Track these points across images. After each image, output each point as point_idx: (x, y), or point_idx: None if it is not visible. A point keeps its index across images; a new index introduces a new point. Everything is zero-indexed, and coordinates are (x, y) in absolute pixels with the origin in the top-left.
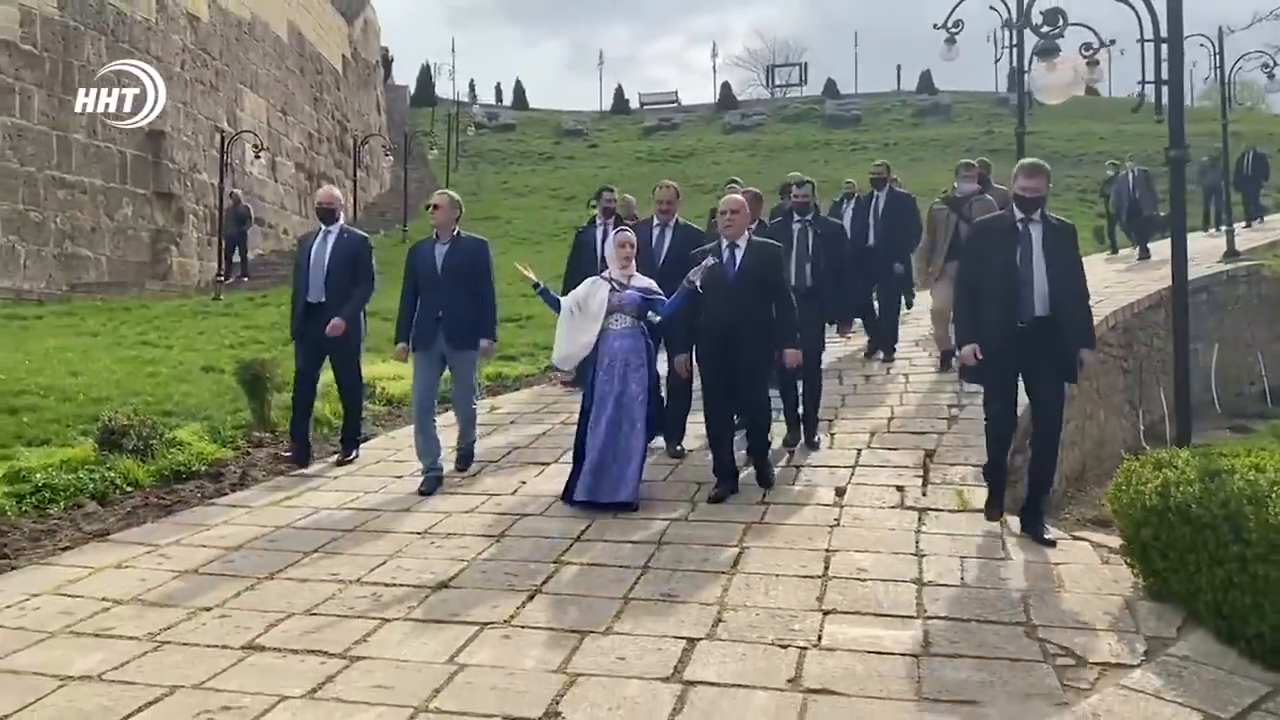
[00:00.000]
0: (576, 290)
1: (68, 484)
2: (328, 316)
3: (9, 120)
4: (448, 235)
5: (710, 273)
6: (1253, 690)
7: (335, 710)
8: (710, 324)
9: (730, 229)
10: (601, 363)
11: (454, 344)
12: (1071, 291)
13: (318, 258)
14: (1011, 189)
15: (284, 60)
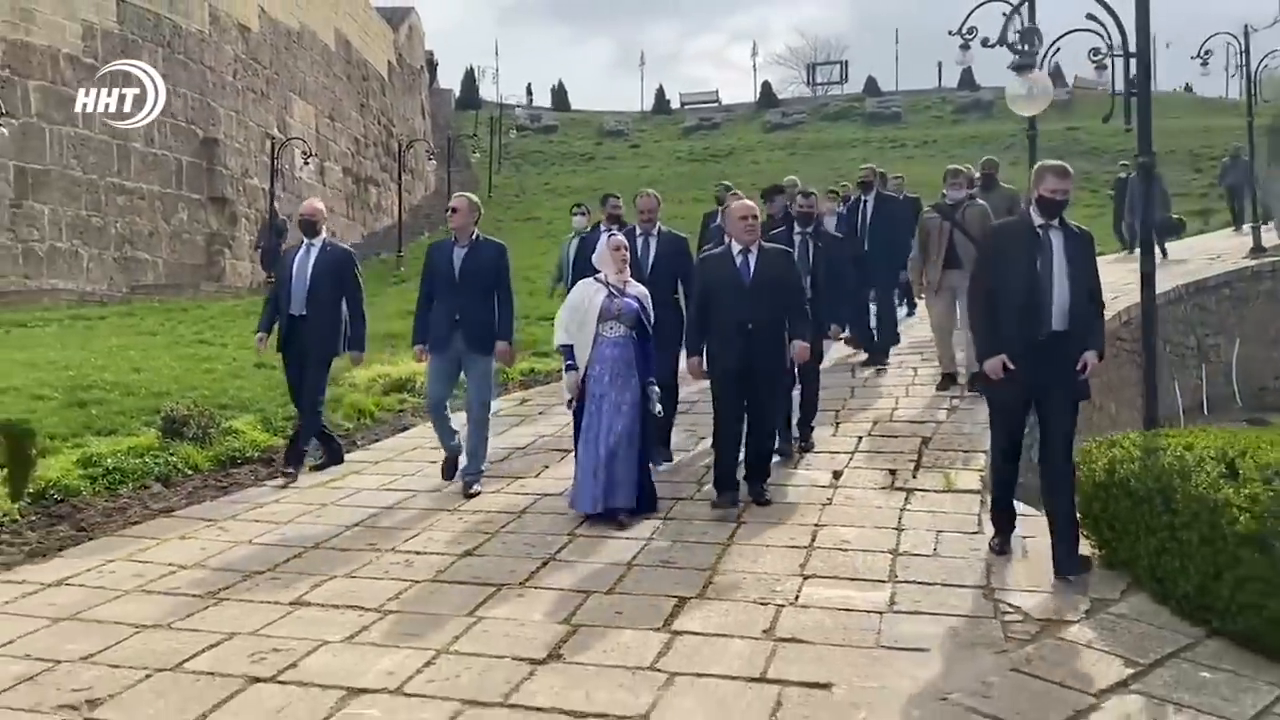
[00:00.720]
0: (570, 297)
1: (135, 468)
2: (310, 329)
3: (72, 130)
4: (466, 238)
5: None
6: (1174, 641)
7: (369, 651)
8: (725, 330)
9: (749, 235)
10: (593, 369)
11: (471, 347)
12: (1091, 305)
13: (300, 271)
14: (1034, 190)
15: (331, 67)
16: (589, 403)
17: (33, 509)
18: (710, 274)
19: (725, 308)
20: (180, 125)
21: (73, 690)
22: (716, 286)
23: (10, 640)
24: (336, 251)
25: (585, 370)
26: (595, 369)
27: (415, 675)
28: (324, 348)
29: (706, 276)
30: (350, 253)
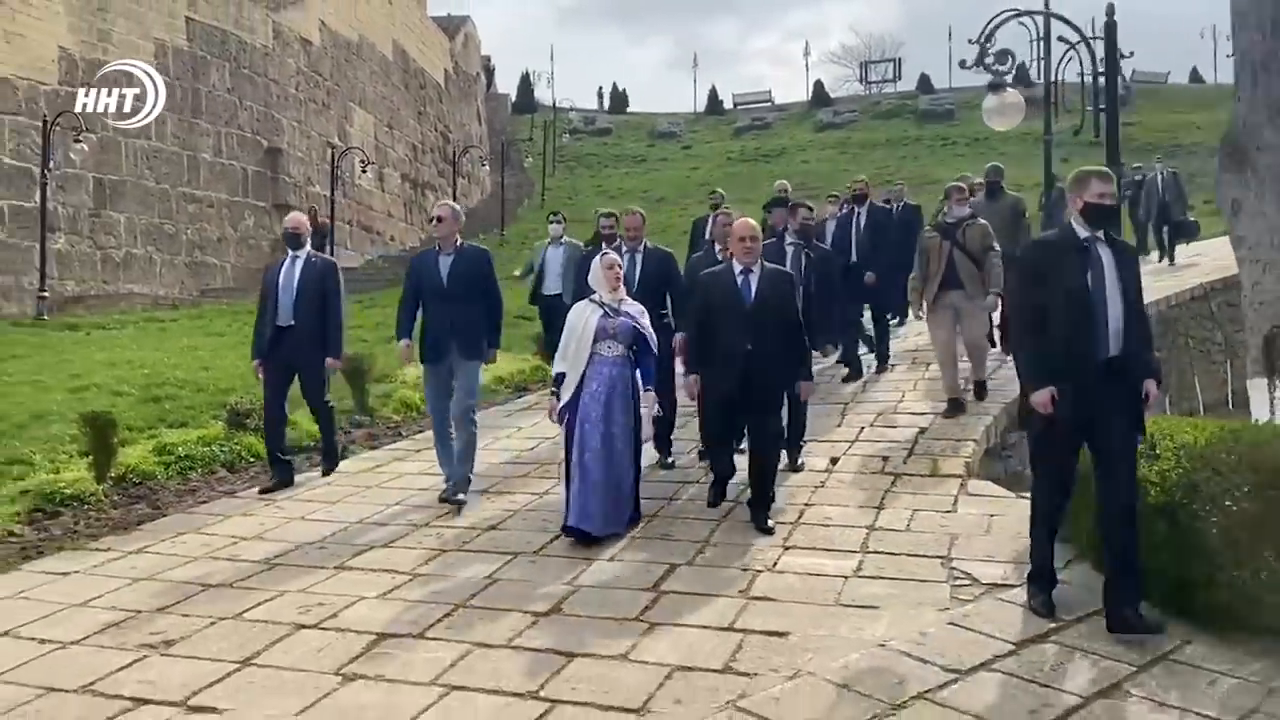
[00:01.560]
0: (569, 320)
1: (204, 455)
2: (296, 339)
3: (146, 143)
4: (451, 246)
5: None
6: (1099, 602)
7: (399, 605)
8: (723, 352)
9: (749, 256)
10: (588, 387)
11: (464, 353)
12: (1144, 327)
13: (286, 282)
14: (1077, 199)
15: (389, 77)
16: (585, 423)
17: (115, 490)
18: (709, 293)
19: (724, 329)
20: (246, 136)
21: (151, 633)
22: (715, 307)
23: (99, 595)
24: (320, 263)
25: (581, 389)
26: (593, 387)
27: (435, 624)
28: (314, 356)
29: (705, 295)
30: (333, 263)
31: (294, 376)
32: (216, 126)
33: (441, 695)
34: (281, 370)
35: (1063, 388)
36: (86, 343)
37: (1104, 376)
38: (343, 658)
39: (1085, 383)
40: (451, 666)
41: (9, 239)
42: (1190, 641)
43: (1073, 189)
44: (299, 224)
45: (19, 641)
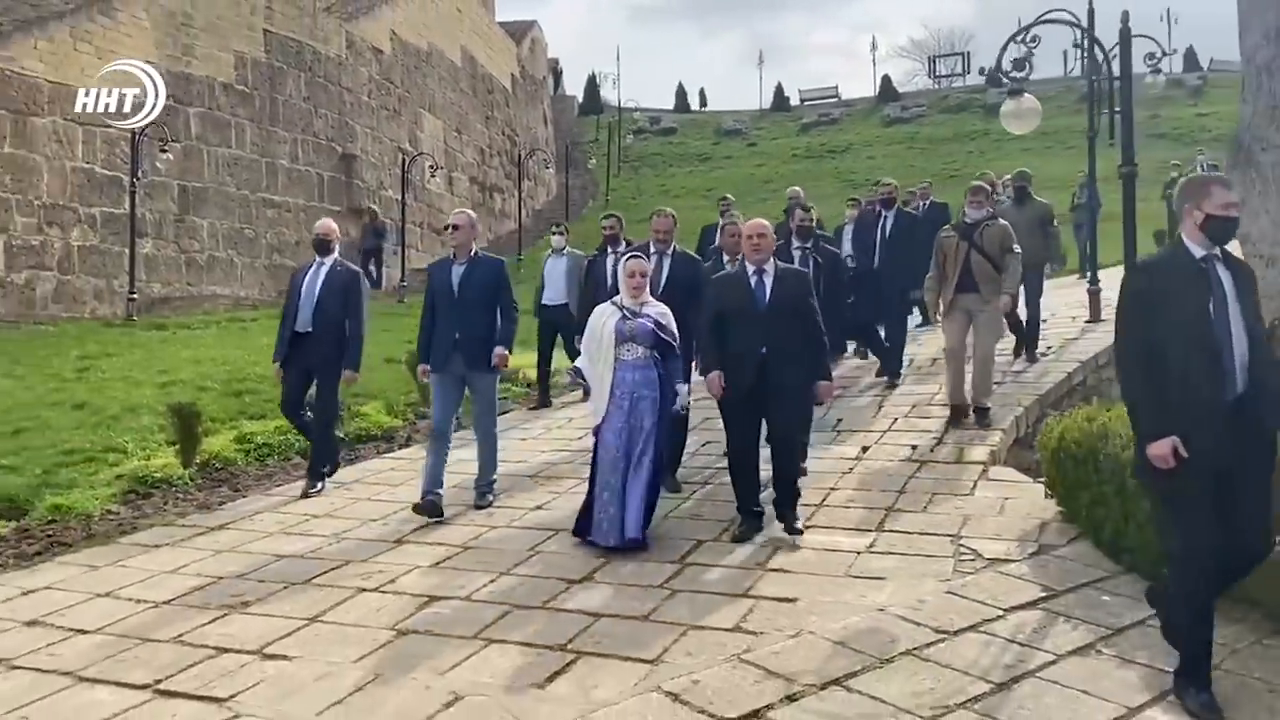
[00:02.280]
0: (590, 322)
1: (280, 444)
2: (314, 346)
3: (226, 151)
4: (465, 255)
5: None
6: (1092, 575)
7: (449, 573)
8: (739, 355)
9: (758, 254)
10: (612, 394)
11: (472, 365)
12: (1270, 356)
13: (309, 289)
14: (1196, 210)
15: (458, 83)
16: (607, 430)
17: (199, 474)
18: (722, 296)
19: (739, 332)
20: (321, 143)
21: (231, 596)
22: (729, 309)
23: (186, 564)
24: (345, 272)
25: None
26: (616, 393)
27: (481, 589)
28: (331, 366)
29: (718, 298)
30: (357, 273)
31: (310, 382)
32: (293, 134)
33: (482, 646)
34: (299, 376)
35: (1188, 436)
36: (173, 341)
37: (1233, 418)
38: (398, 616)
39: (1212, 427)
40: (492, 624)
41: (101, 244)
42: None
43: (1189, 198)
44: (328, 231)
45: (120, 601)
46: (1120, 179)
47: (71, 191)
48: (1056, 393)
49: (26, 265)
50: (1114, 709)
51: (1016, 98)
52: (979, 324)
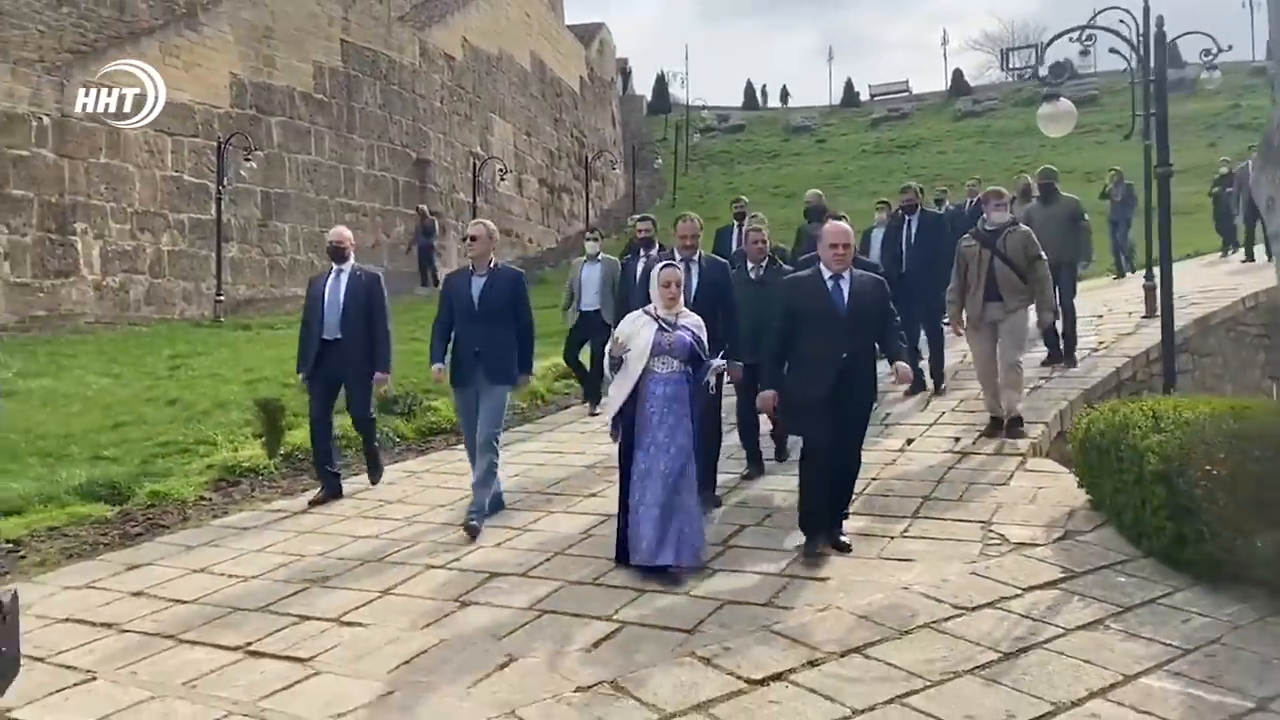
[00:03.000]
0: (620, 328)
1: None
2: (343, 352)
3: (306, 158)
4: (484, 266)
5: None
6: (1112, 558)
7: (510, 552)
8: (817, 362)
9: (839, 263)
10: (643, 408)
11: (491, 378)
12: None
13: (332, 296)
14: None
15: (528, 88)
16: (638, 448)
17: (283, 464)
18: (799, 301)
19: (818, 338)
20: (397, 149)
21: (312, 572)
22: (807, 315)
23: (272, 544)
24: (365, 276)
25: (635, 409)
26: (647, 408)
27: (536, 566)
28: (361, 368)
29: (794, 304)
30: (378, 276)
31: (339, 390)
32: (369, 141)
33: (536, 617)
34: (327, 384)
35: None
36: (257, 341)
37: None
38: (461, 589)
39: None
40: (546, 597)
41: (189, 249)
42: (1180, 590)
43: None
44: (342, 238)
45: (213, 576)
46: (1156, 179)
47: (162, 199)
48: (1103, 388)
49: (121, 269)
50: (1111, 676)
51: (1053, 101)
52: (1002, 333)
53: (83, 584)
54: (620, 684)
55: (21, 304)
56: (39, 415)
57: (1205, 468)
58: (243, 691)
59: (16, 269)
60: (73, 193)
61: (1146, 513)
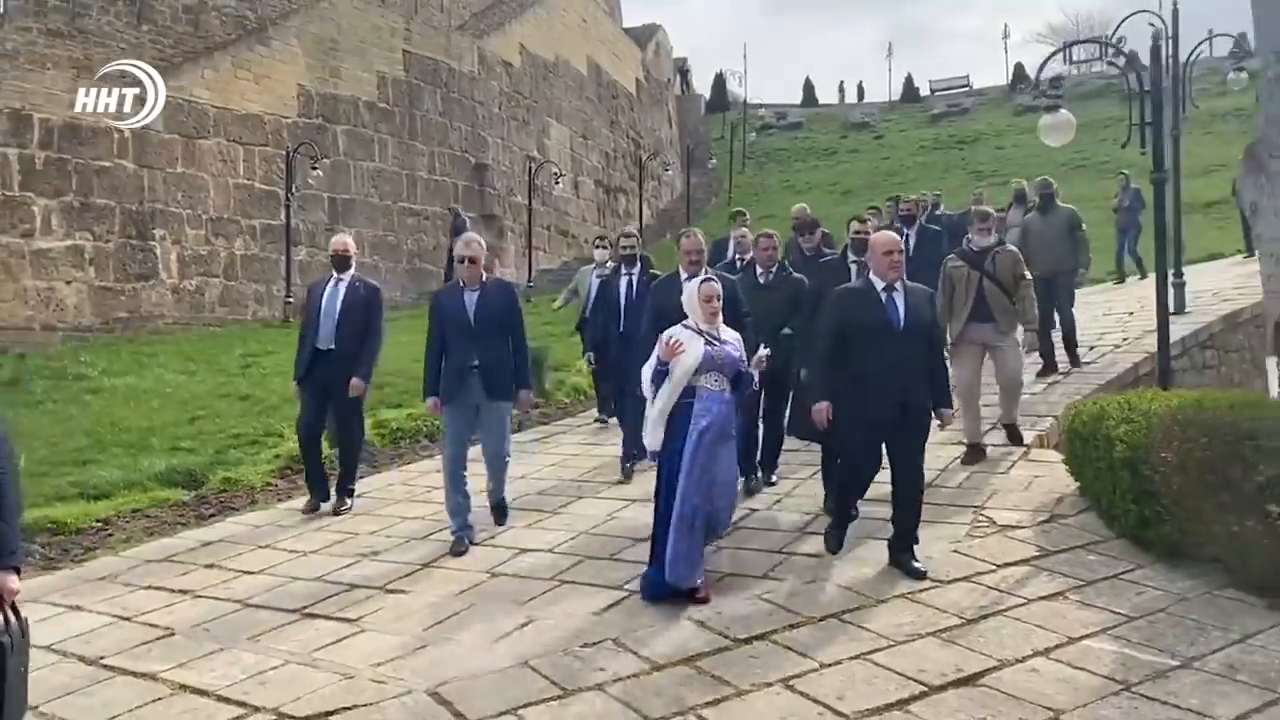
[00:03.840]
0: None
1: (411, 428)
2: (336, 363)
3: (370, 164)
4: (476, 282)
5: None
6: (1086, 539)
7: (540, 532)
8: (874, 379)
9: (894, 271)
10: (697, 424)
11: (492, 394)
12: None
13: (329, 305)
14: None
15: (584, 91)
16: (686, 476)
17: None
18: (850, 314)
19: (873, 354)
20: (456, 155)
21: (363, 548)
22: (857, 329)
23: (329, 524)
24: (364, 288)
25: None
26: (702, 424)
27: (565, 543)
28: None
29: (842, 314)
30: (377, 289)
31: (329, 399)
32: (430, 147)
33: (556, 585)
34: (319, 392)
35: None
36: None
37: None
38: (494, 562)
39: None
40: (566, 569)
41: (260, 252)
42: (1141, 566)
43: None
44: (345, 247)
45: (276, 551)
46: (1153, 184)
47: (235, 205)
48: (1120, 382)
49: (197, 273)
50: (1058, 639)
51: (1053, 113)
52: (1000, 357)
53: (162, 558)
54: (621, 640)
55: (105, 307)
56: (123, 410)
57: (1162, 454)
58: (298, 645)
59: (100, 274)
60: (151, 201)
61: (1117, 496)
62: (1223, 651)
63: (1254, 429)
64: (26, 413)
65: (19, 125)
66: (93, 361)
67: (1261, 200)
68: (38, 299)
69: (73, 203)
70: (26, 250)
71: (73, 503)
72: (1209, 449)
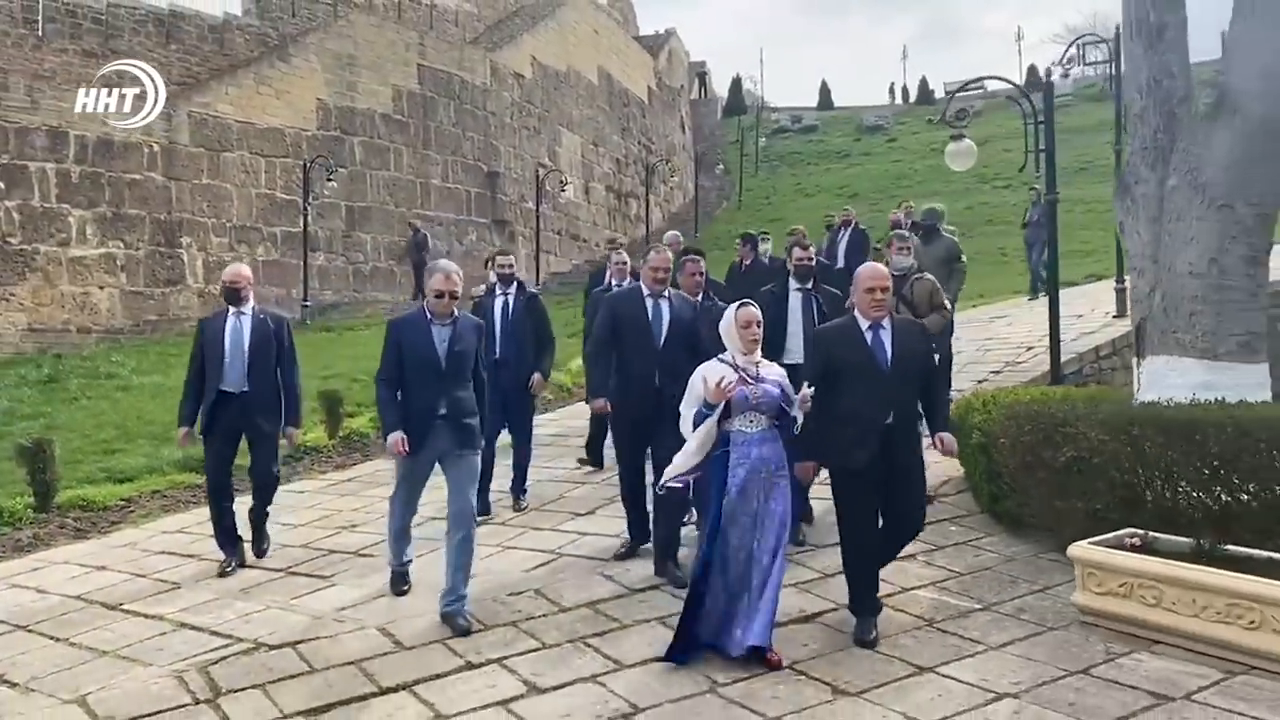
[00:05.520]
0: (695, 381)
1: None
2: (247, 406)
3: (386, 173)
4: (448, 317)
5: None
6: (955, 514)
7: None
8: (858, 425)
9: (878, 311)
10: (734, 475)
11: (463, 444)
12: None
13: (234, 342)
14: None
15: (595, 100)
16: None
17: (341, 444)
18: (833, 354)
19: (856, 398)
20: (469, 163)
21: (345, 521)
22: (841, 369)
23: (320, 503)
24: (271, 320)
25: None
26: (739, 475)
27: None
28: (269, 425)
29: (829, 357)
30: (284, 320)
31: (238, 448)
32: (444, 156)
33: (499, 551)
34: (229, 441)
35: None
36: (338, 341)
37: None
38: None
39: None
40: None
41: (281, 258)
42: (990, 535)
43: None
44: (238, 277)
45: (271, 525)
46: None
47: (256, 214)
48: (1043, 381)
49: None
50: (892, 589)
51: (958, 141)
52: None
53: (176, 529)
54: (542, 591)
55: (136, 310)
56: (149, 405)
57: (1000, 440)
58: (280, 596)
59: (131, 279)
60: (179, 210)
61: (978, 477)
62: (1020, 599)
63: (1064, 417)
64: (64, 408)
65: (56, 141)
66: (123, 361)
67: (1127, 221)
68: (74, 303)
69: (106, 213)
70: (64, 258)
71: (101, 485)
72: (1030, 435)
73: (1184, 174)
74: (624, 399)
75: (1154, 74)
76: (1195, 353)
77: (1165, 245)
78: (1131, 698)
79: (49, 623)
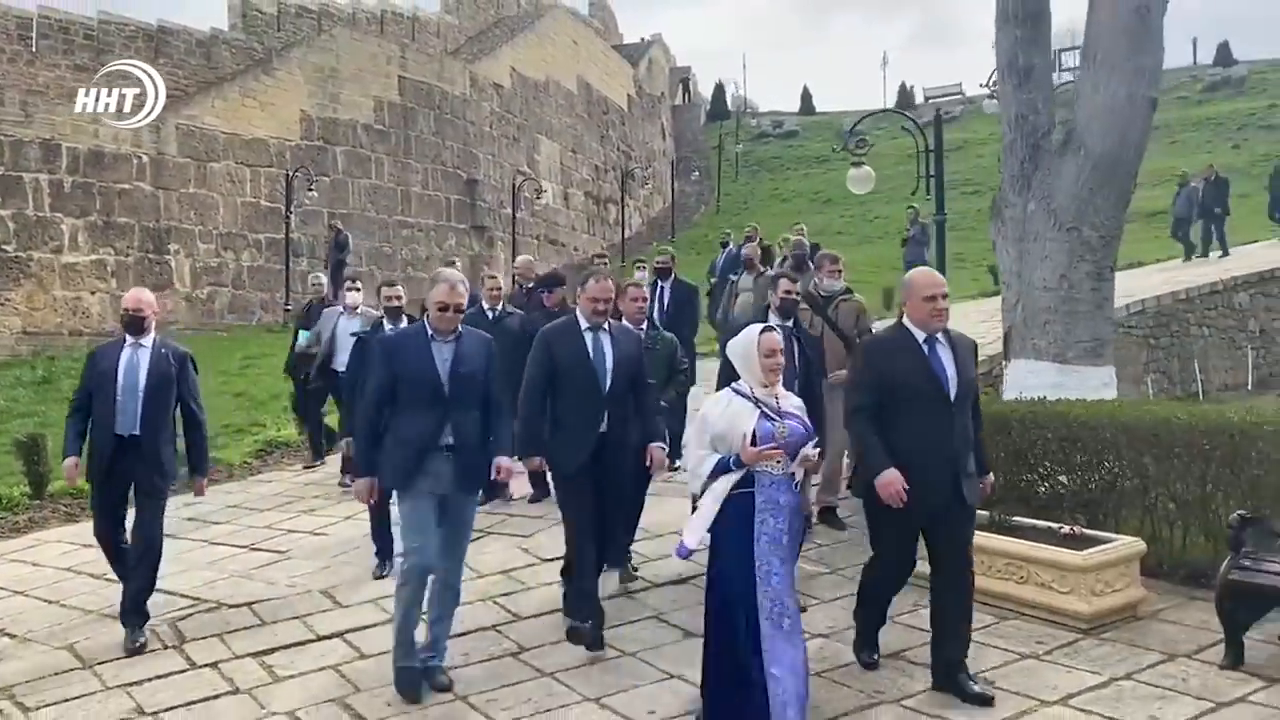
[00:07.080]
0: (708, 416)
1: None
2: (144, 455)
3: (368, 181)
4: (452, 333)
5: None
6: None
7: None
8: (923, 458)
9: (939, 319)
10: (763, 523)
11: (465, 484)
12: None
13: (129, 380)
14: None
15: (574, 109)
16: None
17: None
18: (889, 372)
19: (916, 425)
20: (449, 171)
21: (304, 507)
22: (900, 388)
23: (283, 490)
24: (173, 354)
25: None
26: (770, 525)
27: None
28: (161, 479)
29: (881, 374)
30: (187, 355)
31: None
32: (424, 164)
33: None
34: (120, 491)
35: None
36: None
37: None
38: None
39: None
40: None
41: (265, 264)
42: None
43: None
44: (139, 303)
45: (241, 510)
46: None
47: (242, 221)
48: None
49: (208, 283)
50: None
51: (858, 168)
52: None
53: None
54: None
55: None
56: None
57: None
58: (241, 566)
59: (122, 284)
60: (167, 219)
61: None
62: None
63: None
64: (56, 406)
65: (49, 153)
66: None
67: (999, 241)
68: (66, 308)
69: (97, 221)
70: (57, 264)
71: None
72: None
73: (1041, 200)
74: (566, 453)
75: (1021, 110)
76: (1049, 357)
77: (1026, 262)
78: (918, 637)
79: (44, 589)
